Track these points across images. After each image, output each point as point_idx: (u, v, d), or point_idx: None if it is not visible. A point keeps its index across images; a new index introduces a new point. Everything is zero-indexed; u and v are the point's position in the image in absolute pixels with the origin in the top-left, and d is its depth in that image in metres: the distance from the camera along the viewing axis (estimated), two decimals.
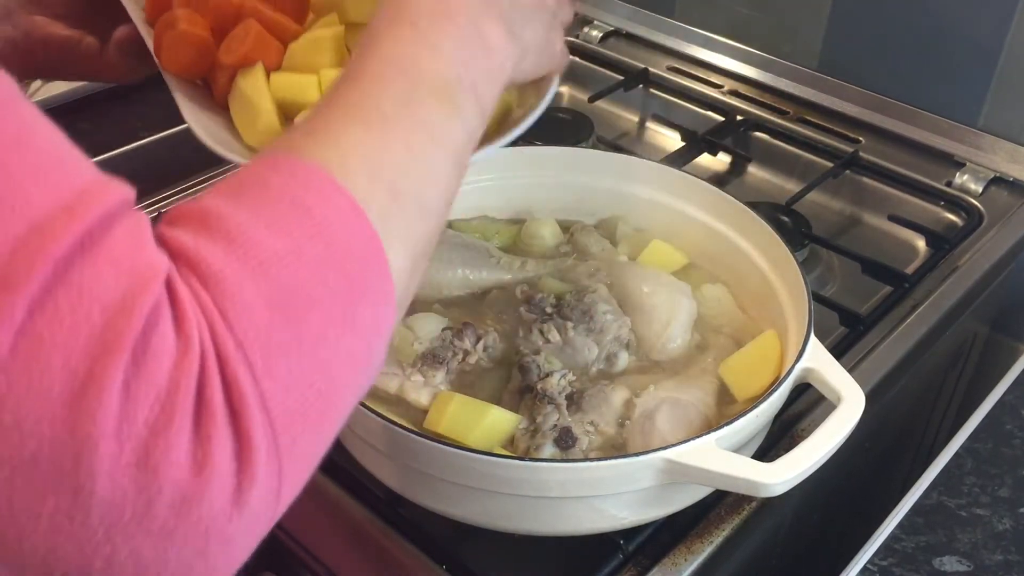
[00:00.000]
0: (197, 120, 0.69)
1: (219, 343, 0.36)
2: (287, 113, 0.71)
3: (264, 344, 0.37)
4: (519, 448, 0.68)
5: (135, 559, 0.34)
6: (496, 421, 0.68)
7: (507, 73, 0.53)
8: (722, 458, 0.60)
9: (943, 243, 0.98)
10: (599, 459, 0.61)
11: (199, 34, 0.71)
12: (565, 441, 0.67)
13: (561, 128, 1.13)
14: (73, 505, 0.32)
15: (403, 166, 0.45)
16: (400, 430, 0.62)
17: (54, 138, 0.36)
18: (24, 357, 0.31)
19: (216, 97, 0.73)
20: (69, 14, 0.80)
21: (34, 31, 0.78)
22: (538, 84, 0.69)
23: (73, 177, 0.35)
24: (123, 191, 0.36)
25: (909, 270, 0.95)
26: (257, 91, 0.69)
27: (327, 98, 0.47)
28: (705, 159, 1.14)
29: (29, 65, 0.80)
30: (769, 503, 0.72)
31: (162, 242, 0.38)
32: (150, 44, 0.73)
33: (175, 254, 0.37)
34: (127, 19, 0.76)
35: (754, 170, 1.15)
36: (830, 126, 1.16)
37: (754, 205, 0.81)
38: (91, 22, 0.80)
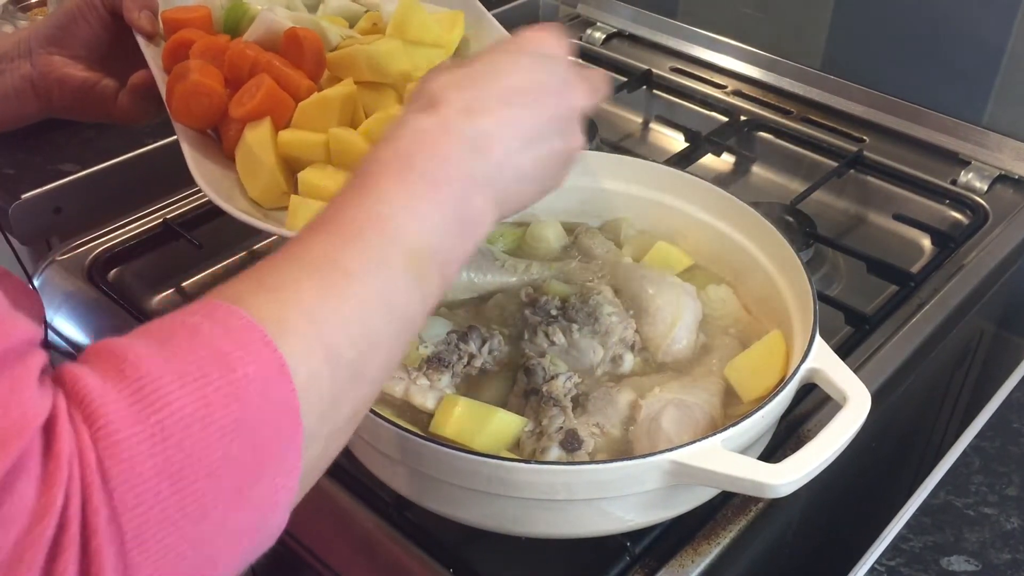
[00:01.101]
0: (201, 171, 0.70)
1: (90, 511, 0.33)
2: (292, 169, 0.71)
3: (143, 515, 0.34)
4: (525, 451, 0.68)
5: None
6: (502, 424, 0.68)
7: (483, 229, 0.52)
8: (728, 459, 0.60)
9: (948, 242, 0.98)
10: (605, 461, 0.61)
11: (211, 86, 0.72)
12: (571, 443, 0.67)
13: None
14: None
15: (349, 333, 0.43)
16: (406, 434, 0.62)
17: None
18: None
19: (224, 149, 0.74)
20: (88, 56, 0.80)
21: (52, 71, 0.78)
22: None
23: None
24: (11, 339, 0.34)
25: (915, 269, 0.95)
26: (262, 146, 0.69)
27: (294, 243, 0.46)
28: (709, 160, 1.14)
29: (44, 104, 0.80)
30: (776, 504, 0.72)
31: (68, 380, 0.36)
32: (164, 91, 0.73)
33: (75, 396, 0.35)
34: (144, 64, 0.77)
35: (758, 170, 1.15)
36: (834, 125, 1.16)
37: (758, 205, 0.81)
38: (109, 65, 0.81)
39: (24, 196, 1.02)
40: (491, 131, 0.52)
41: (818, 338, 0.68)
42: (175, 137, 1.09)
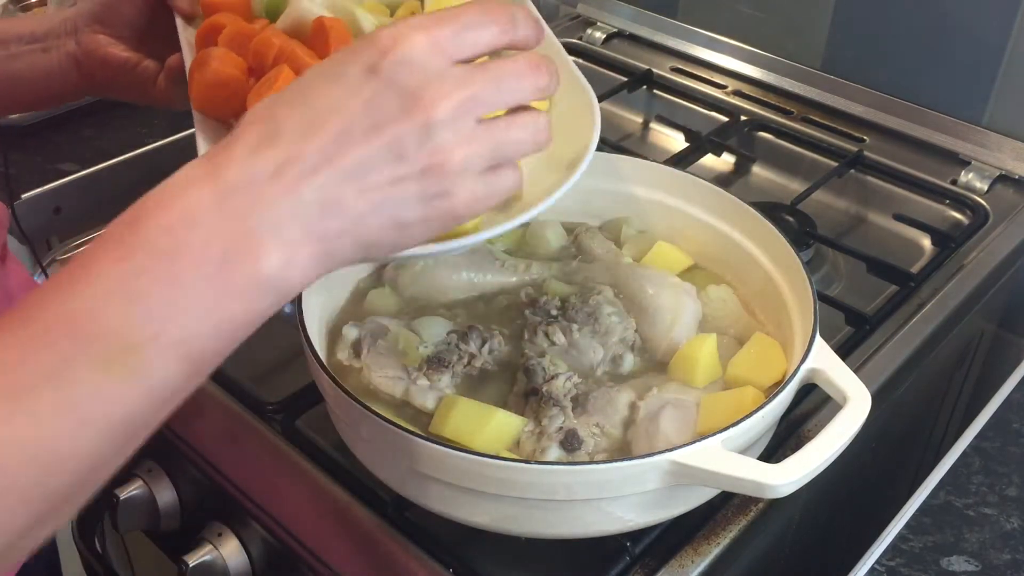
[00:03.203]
0: None
1: None
2: None
3: None
4: (525, 451, 0.68)
5: None
6: (502, 424, 0.68)
7: (265, 305, 0.43)
8: (728, 459, 0.60)
9: (949, 241, 0.98)
10: (605, 462, 0.61)
11: (231, 75, 0.70)
12: (571, 443, 0.67)
13: None
14: None
15: (16, 452, 0.38)
16: (405, 434, 0.62)
17: None
18: None
19: None
20: (132, 36, 0.81)
21: (96, 50, 0.79)
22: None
23: None
24: None
25: (915, 269, 0.95)
26: None
27: None
28: (709, 160, 1.14)
29: (86, 82, 0.81)
30: (776, 504, 0.72)
31: None
32: None
33: None
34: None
35: (758, 170, 1.15)
36: (834, 125, 1.16)
37: (759, 205, 0.81)
38: (151, 47, 0.81)
39: (24, 196, 1.02)
40: (283, 167, 0.43)
41: (818, 338, 0.68)
42: (175, 137, 1.10)
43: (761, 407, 0.63)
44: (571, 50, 1.33)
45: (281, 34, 0.73)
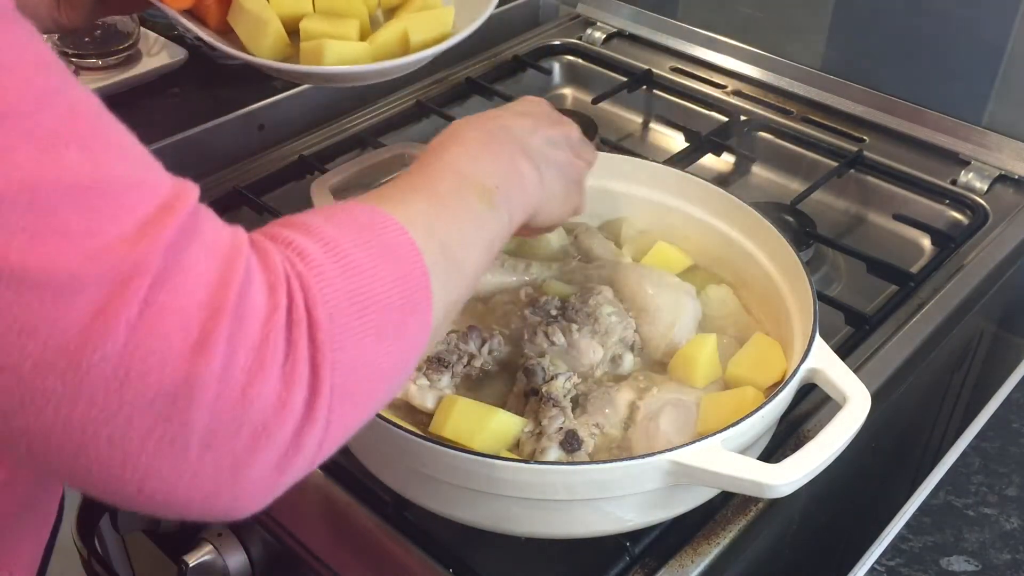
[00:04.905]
0: (208, 33, 0.74)
1: (314, 313, 0.44)
2: (287, 27, 0.77)
3: (341, 324, 0.45)
4: (524, 451, 0.68)
5: (215, 477, 0.41)
6: (501, 424, 0.68)
7: (534, 201, 0.64)
8: (728, 459, 0.60)
9: (948, 242, 0.98)
10: (605, 462, 0.61)
11: None
12: (571, 444, 0.67)
13: None
14: (179, 433, 0.40)
15: (451, 233, 0.55)
16: (405, 434, 0.62)
17: (136, 146, 0.44)
18: (149, 321, 0.39)
19: (211, 25, 0.78)
20: None
21: None
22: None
23: (161, 181, 0.43)
24: (195, 188, 0.44)
25: (914, 269, 0.95)
26: (261, 6, 0.76)
27: (397, 181, 0.59)
28: (709, 160, 1.14)
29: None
30: (776, 504, 0.72)
31: (275, 237, 0.47)
32: None
33: (285, 243, 0.46)
34: None
35: (758, 170, 1.15)
36: (834, 125, 1.15)
37: (758, 205, 0.81)
38: None
39: None
40: (512, 128, 0.67)
41: (818, 338, 0.68)
42: (175, 137, 1.10)
43: (761, 407, 0.63)
44: (571, 50, 1.34)
45: None
